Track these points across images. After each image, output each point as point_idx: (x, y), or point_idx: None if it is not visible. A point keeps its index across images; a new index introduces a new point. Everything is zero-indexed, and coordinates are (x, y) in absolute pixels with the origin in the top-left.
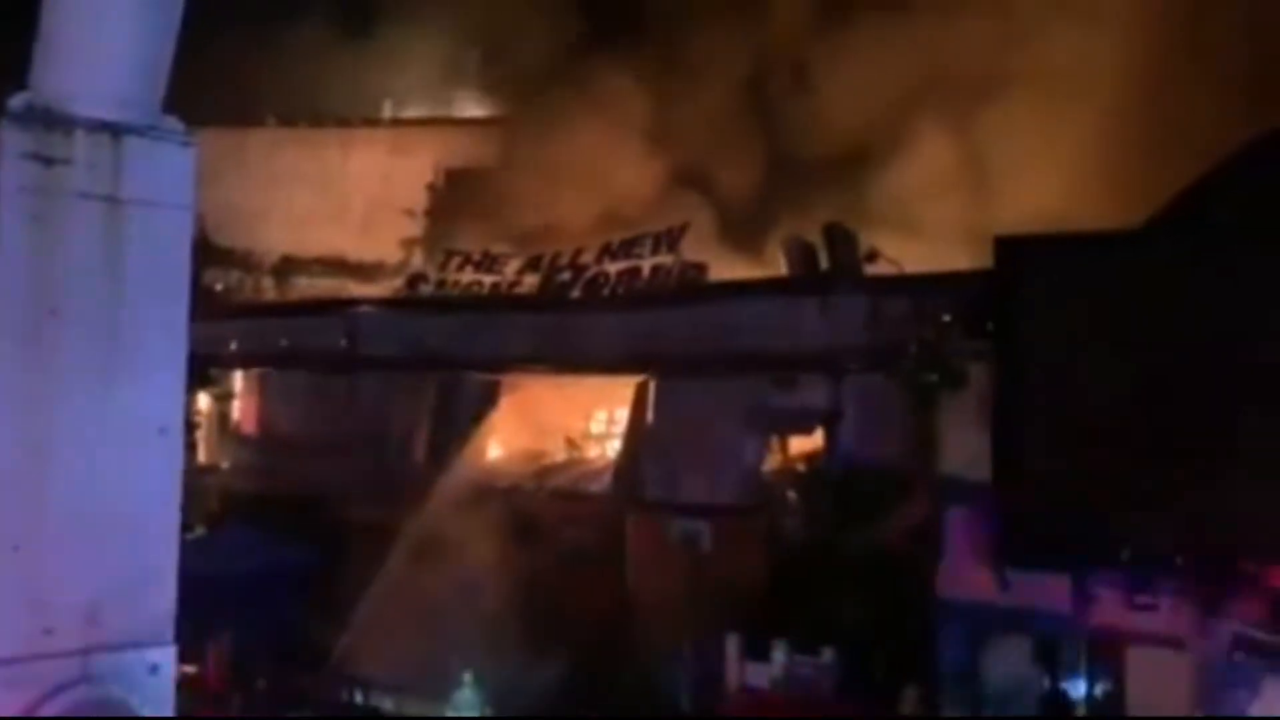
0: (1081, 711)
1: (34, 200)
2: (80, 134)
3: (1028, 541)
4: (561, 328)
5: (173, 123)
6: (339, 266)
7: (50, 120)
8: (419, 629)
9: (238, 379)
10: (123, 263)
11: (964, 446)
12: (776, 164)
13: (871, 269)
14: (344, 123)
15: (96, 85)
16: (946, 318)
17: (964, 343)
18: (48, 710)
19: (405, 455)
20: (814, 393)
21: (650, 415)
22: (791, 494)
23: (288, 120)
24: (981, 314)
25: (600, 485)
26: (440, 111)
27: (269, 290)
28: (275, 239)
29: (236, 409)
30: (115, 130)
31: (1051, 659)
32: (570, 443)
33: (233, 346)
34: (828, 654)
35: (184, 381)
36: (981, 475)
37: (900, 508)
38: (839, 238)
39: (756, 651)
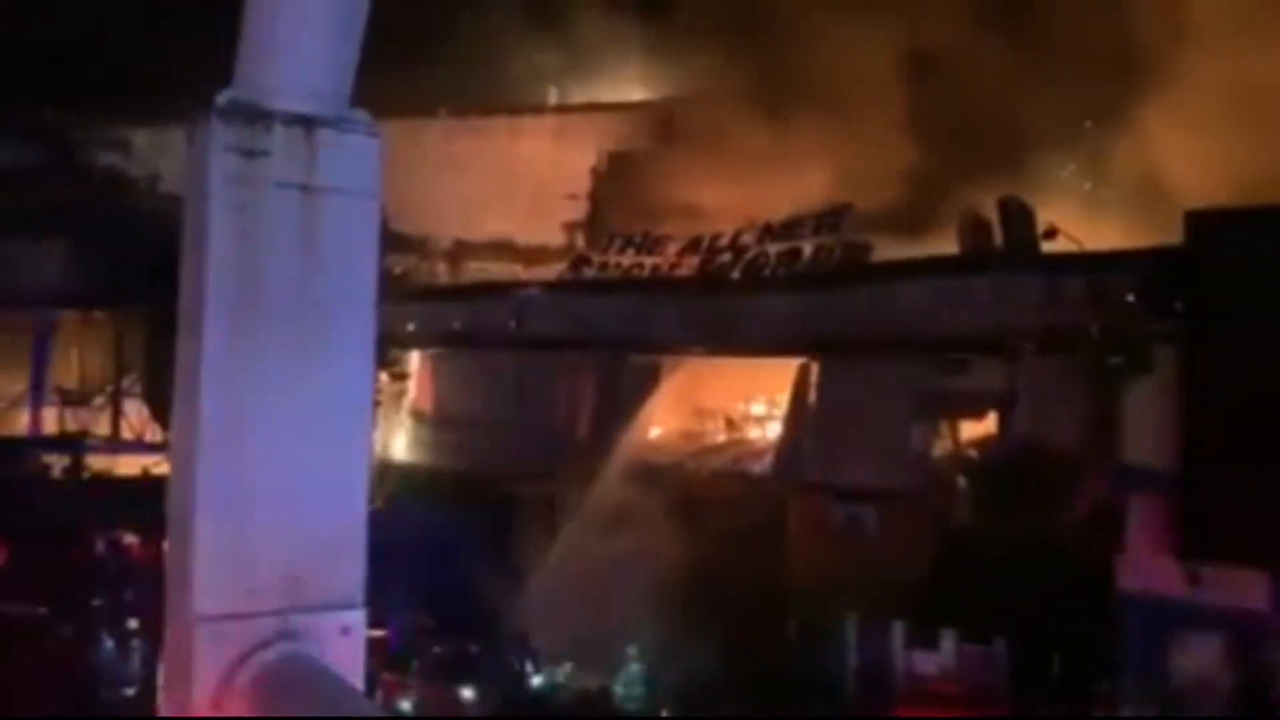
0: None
1: (236, 190)
2: (278, 127)
3: (1217, 534)
4: (721, 309)
5: (360, 114)
6: (508, 250)
7: (251, 115)
8: (586, 602)
9: (414, 359)
10: (318, 248)
11: (1148, 433)
12: (945, 143)
13: (1049, 246)
14: (513, 111)
15: (293, 81)
16: (1130, 297)
17: (1150, 324)
18: (251, 664)
19: (570, 433)
20: (986, 376)
21: (813, 397)
22: (961, 480)
23: (459, 111)
24: (1169, 293)
25: (761, 467)
26: (604, 96)
27: (442, 274)
28: (448, 225)
29: (413, 388)
30: (309, 123)
31: (1244, 658)
32: (730, 424)
33: (410, 328)
34: (999, 644)
35: (374, 361)
36: (1168, 464)
37: (1077, 496)
38: (1015, 213)
39: (923, 639)
